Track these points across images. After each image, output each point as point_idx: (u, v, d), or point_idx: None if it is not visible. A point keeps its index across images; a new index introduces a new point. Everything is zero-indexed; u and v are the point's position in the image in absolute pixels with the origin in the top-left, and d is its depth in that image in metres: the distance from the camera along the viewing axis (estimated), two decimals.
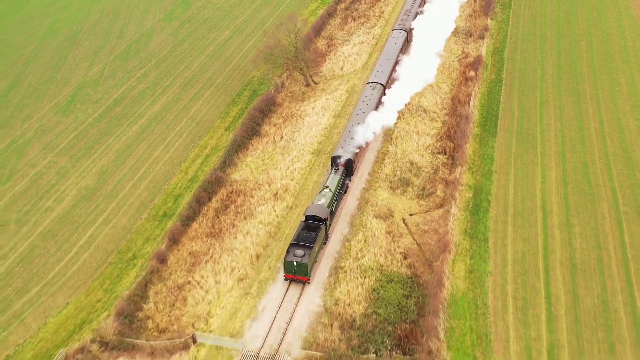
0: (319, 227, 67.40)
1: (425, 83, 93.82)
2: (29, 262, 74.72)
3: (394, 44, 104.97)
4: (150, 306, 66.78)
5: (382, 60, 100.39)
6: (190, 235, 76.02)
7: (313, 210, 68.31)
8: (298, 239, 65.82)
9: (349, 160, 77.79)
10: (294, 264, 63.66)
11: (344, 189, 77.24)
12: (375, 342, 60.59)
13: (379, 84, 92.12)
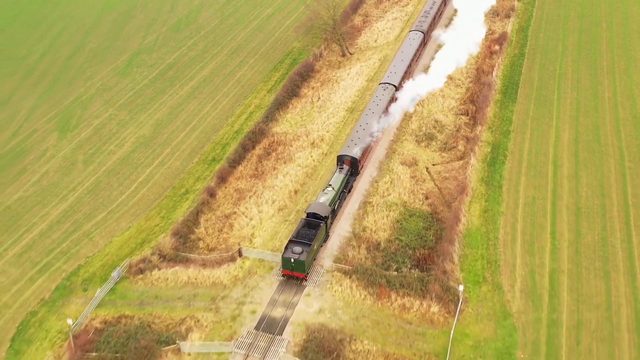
0: (319, 225, 66.37)
1: (468, 54, 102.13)
2: (95, 194, 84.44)
3: (409, 45, 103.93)
4: (201, 230, 75.92)
5: (396, 61, 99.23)
6: (236, 176, 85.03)
7: (314, 208, 67.70)
8: (297, 236, 64.96)
9: (354, 160, 77.16)
10: (291, 261, 62.89)
11: (347, 188, 76.23)
12: (396, 262, 68.78)
13: (391, 85, 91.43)
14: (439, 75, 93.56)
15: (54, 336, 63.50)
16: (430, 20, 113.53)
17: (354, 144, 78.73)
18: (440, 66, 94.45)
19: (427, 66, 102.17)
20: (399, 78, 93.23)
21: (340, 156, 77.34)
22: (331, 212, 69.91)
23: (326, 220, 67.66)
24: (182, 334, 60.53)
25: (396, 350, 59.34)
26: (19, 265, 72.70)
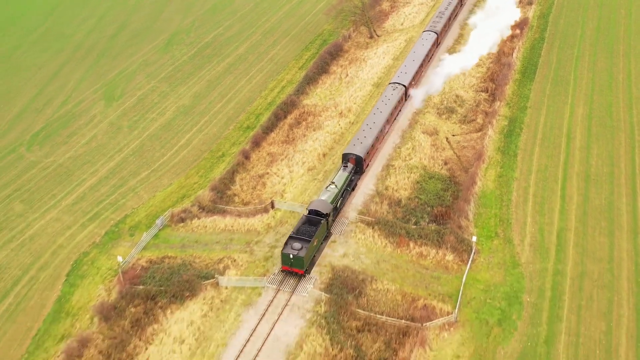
0: (319, 222, 66.33)
1: (500, 35, 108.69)
2: (140, 155, 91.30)
3: (422, 46, 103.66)
4: (236, 187, 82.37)
5: (407, 61, 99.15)
6: (269, 141, 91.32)
7: (316, 205, 67.67)
8: (297, 233, 65.11)
9: (359, 158, 77.01)
10: (290, 257, 63.06)
11: (351, 186, 75.72)
12: (415, 216, 74.51)
13: (400, 85, 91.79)
14: (473, 55, 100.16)
15: (105, 272, 70.21)
16: (445, 21, 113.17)
17: (360, 142, 79.04)
18: (475, 46, 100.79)
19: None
20: (409, 78, 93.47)
21: (345, 154, 77.14)
22: (333, 210, 69.59)
23: (327, 218, 67.28)
24: (220, 270, 66.88)
25: (413, 290, 65.04)
26: (71, 214, 79.68)
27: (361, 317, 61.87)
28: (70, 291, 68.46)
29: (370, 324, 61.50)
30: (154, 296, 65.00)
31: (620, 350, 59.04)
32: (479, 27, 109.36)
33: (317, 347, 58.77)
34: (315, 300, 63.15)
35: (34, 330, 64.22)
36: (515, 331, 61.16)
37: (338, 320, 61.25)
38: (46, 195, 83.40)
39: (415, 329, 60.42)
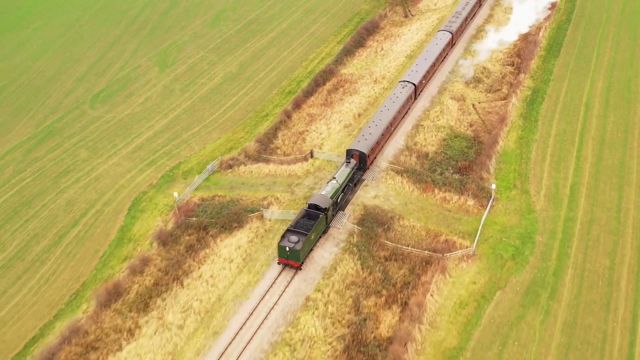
0: (318, 216, 66.41)
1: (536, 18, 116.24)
2: (191, 113, 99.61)
3: (435, 45, 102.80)
4: (278, 142, 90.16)
5: (419, 60, 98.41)
6: (309, 104, 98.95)
7: (315, 200, 67.78)
8: (295, 226, 65.33)
9: (363, 155, 76.83)
10: (286, 249, 63.13)
11: (354, 182, 75.56)
12: (441, 168, 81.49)
13: (410, 84, 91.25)
14: (514, 32, 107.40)
15: (162, 208, 78.60)
16: (461, 21, 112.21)
17: (364, 139, 78.96)
18: (516, 24, 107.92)
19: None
20: (419, 77, 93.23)
21: (349, 150, 76.94)
22: (334, 205, 69.64)
23: (326, 212, 67.28)
24: (264, 206, 74.73)
25: (436, 228, 72.15)
26: (131, 160, 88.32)
27: (389, 248, 69.04)
28: (132, 222, 76.79)
29: (396, 254, 68.61)
30: (206, 227, 72.96)
31: (621, 283, 65.29)
32: (516, 8, 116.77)
33: (349, 270, 66.19)
34: (348, 232, 70.60)
35: (100, 252, 72.71)
36: (527, 264, 67.77)
37: (368, 249, 68.57)
38: (108, 144, 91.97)
39: (437, 259, 67.40)
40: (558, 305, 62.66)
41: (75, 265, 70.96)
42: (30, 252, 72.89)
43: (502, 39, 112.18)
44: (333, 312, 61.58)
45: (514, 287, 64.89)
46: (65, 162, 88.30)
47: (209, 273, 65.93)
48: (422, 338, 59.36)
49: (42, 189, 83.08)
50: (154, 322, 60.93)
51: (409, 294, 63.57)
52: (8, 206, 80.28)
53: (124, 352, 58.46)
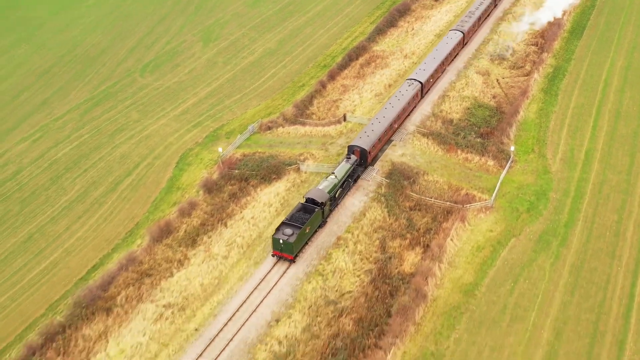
0: (314, 211, 66.57)
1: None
2: (233, 83, 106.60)
3: (446, 44, 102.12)
4: (314, 108, 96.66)
5: (428, 58, 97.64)
6: (342, 76, 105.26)
7: (312, 194, 68.12)
8: (290, 219, 65.76)
9: (364, 151, 76.57)
10: (280, 242, 63.55)
11: (353, 178, 75.38)
12: (464, 132, 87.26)
13: (417, 82, 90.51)
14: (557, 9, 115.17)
15: (207, 162, 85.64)
16: (474, 21, 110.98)
17: (366, 135, 78.65)
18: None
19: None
20: (427, 75, 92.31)
21: (351, 146, 76.77)
22: (331, 199, 69.99)
23: (323, 207, 67.59)
24: (301, 160, 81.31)
25: (458, 183, 78.07)
26: (178, 122, 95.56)
27: (414, 199, 75.19)
28: (180, 174, 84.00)
29: (420, 204, 74.76)
30: (247, 178, 79.83)
31: (627, 234, 70.61)
32: None
33: (377, 216, 72.52)
34: (377, 184, 76.93)
35: (152, 198, 79.99)
36: (540, 217, 73.42)
37: (395, 199, 74.83)
38: (157, 107, 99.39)
39: (457, 209, 73.38)
40: (567, 251, 68.19)
41: (130, 208, 78.25)
42: (89, 196, 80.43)
43: (532, 20, 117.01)
44: (361, 250, 67.95)
45: (528, 235, 70.53)
46: (119, 122, 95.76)
47: (250, 215, 72.71)
48: (441, 274, 65.33)
49: (99, 144, 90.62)
50: (202, 254, 67.90)
51: (430, 238, 69.55)
52: (68, 158, 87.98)
53: (175, 278, 65.44)
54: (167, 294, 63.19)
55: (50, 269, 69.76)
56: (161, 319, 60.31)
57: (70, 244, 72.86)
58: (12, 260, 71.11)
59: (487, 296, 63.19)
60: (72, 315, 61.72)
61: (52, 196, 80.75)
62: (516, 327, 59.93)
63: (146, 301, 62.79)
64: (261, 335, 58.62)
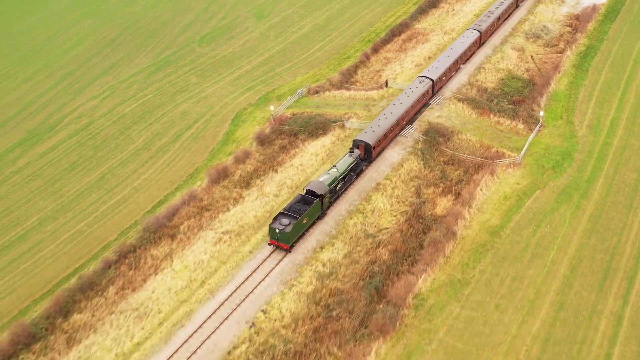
0: (312, 202, 66.84)
1: None
2: (283, 54, 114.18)
3: (461, 43, 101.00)
4: (358, 77, 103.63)
5: (442, 57, 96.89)
6: (386, 50, 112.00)
7: (312, 186, 68.34)
8: (289, 210, 66.00)
9: (368, 146, 76.54)
10: (276, 231, 63.78)
11: (356, 172, 75.24)
12: (497, 99, 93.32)
13: (428, 79, 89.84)
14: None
15: (260, 119, 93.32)
16: (492, 20, 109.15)
17: (372, 130, 78.65)
18: None
19: None
20: (439, 73, 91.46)
21: (355, 140, 76.82)
22: (331, 192, 70.48)
23: (322, 199, 67.82)
24: (345, 118, 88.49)
25: (489, 142, 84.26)
26: (233, 86, 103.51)
27: (448, 154, 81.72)
28: (235, 129, 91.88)
29: (454, 159, 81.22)
30: (296, 133, 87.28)
31: None
32: None
33: (414, 167, 79.29)
34: (414, 140, 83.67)
35: (210, 148, 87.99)
36: (564, 173, 79.23)
37: (430, 153, 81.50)
38: (214, 73, 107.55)
39: (487, 164, 79.61)
40: (587, 203, 74.03)
41: (190, 156, 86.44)
42: (154, 145, 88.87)
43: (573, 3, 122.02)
44: (398, 195, 74.89)
45: (552, 188, 76.53)
46: (179, 84, 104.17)
47: (299, 162, 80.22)
48: (470, 217, 71.86)
49: (161, 103, 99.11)
50: (255, 193, 75.62)
51: (461, 187, 76.07)
52: (134, 113, 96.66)
53: (231, 212, 73.25)
54: (224, 223, 70.95)
55: (121, 203, 78.10)
56: (220, 242, 68.02)
57: (138, 184, 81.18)
58: (87, 195, 79.73)
59: (511, 237, 69.37)
60: (142, 239, 69.78)
61: (121, 144, 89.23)
62: (536, 262, 65.96)
63: (206, 229, 70.63)
64: (307, 259, 65.87)
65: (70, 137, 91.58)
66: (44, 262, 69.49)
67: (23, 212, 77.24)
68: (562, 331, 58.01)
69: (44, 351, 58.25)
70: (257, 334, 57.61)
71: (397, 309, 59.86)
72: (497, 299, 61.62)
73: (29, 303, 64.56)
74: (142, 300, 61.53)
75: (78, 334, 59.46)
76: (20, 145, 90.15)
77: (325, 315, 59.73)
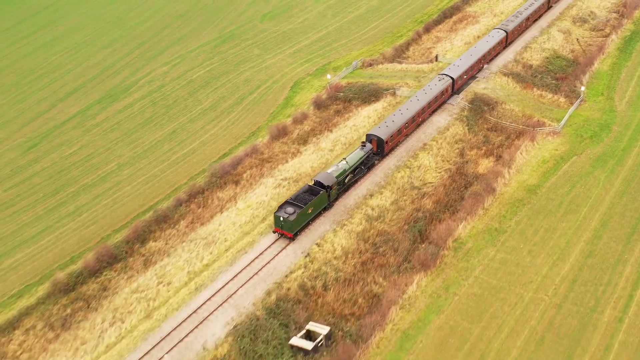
0: (319, 193, 67.28)
1: None
2: (340, 31, 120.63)
3: (485, 42, 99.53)
4: (409, 53, 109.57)
5: (465, 55, 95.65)
6: (437, 30, 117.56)
7: (320, 177, 68.78)
8: (295, 199, 66.36)
9: (381, 140, 76.54)
10: (280, 219, 64.48)
11: (367, 166, 75.16)
12: (541, 75, 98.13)
13: (448, 77, 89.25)
14: None
15: (317, 87, 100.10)
16: (520, 21, 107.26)
17: (386, 125, 78.72)
18: None
19: None
20: (460, 72, 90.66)
21: (369, 135, 77.18)
22: (339, 184, 70.65)
23: (329, 190, 68.17)
24: (397, 87, 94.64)
25: (531, 112, 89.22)
26: (292, 58, 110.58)
27: (491, 122, 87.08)
28: (293, 95, 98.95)
29: (496, 126, 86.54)
30: (350, 99, 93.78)
31: None
32: None
33: (459, 131, 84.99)
34: (460, 108, 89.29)
35: (270, 110, 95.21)
36: (601, 142, 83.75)
37: (475, 120, 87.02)
38: (275, 47, 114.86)
39: (528, 131, 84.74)
40: (621, 168, 78.59)
41: (252, 117, 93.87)
42: (219, 106, 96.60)
43: None
44: (443, 154, 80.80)
45: (588, 155, 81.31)
46: (242, 55, 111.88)
47: (353, 123, 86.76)
48: (509, 177, 77.25)
49: (226, 70, 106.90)
50: (312, 147, 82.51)
51: (503, 151, 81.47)
52: (202, 79, 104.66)
53: (290, 163, 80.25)
54: (283, 172, 78.01)
55: (190, 153, 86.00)
56: (279, 187, 75.10)
57: (205, 138, 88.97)
58: (160, 146, 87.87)
59: (547, 195, 74.59)
60: (209, 183, 77.41)
61: (190, 105, 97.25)
62: (569, 217, 71.11)
63: (267, 177, 77.84)
64: (358, 204, 72.48)
65: (144, 97, 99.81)
66: (122, 200, 77.58)
67: (103, 158, 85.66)
68: (588, 274, 63.07)
69: (124, 270, 65.89)
70: (311, 262, 64.27)
71: (438, 249, 65.86)
72: (530, 245, 66.96)
73: (110, 232, 72.55)
74: (210, 231, 69.01)
75: (153, 257, 67.04)
76: (99, 103, 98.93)
77: (372, 251, 66.03)
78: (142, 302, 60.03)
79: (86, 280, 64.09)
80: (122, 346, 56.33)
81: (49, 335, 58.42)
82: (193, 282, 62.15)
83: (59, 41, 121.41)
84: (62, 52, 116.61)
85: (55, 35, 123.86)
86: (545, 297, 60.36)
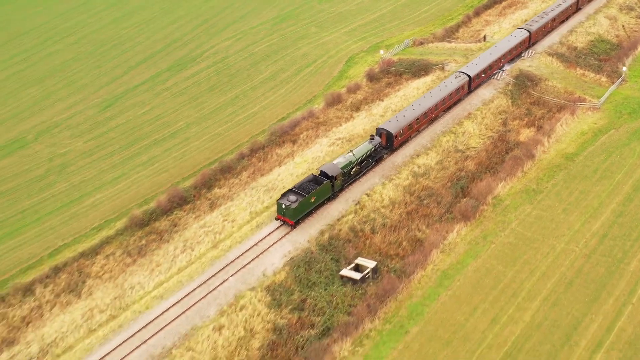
0: (322, 182, 67.64)
1: None
2: (393, 13, 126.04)
3: (507, 42, 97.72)
4: (459, 34, 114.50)
5: (484, 54, 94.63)
6: (487, 14, 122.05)
7: (325, 167, 69.36)
8: (299, 188, 66.80)
9: (390, 135, 76.37)
10: (283, 206, 65.16)
11: (374, 159, 75.03)
12: (585, 57, 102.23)
13: (464, 75, 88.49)
14: None
15: (370, 62, 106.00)
16: (546, 21, 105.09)
17: (396, 120, 78.60)
18: None
19: None
20: (477, 70, 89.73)
21: (379, 129, 77.23)
22: (344, 175, 70.87)
23: (333, 180, 68.49)
24: (445, 63, 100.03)
25: (573, 90, 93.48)
26: (347, 36, 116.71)
27: (534, 96, 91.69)
28: (348, 69, 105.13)
29: (539, 101, 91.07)
30: (401, 73, 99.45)
31: None
32: None
33: (502, 103, 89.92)
34: (505, 83, 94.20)
35: (326, 81, 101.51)
36: (639, 119, 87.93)
37: (519, 94, 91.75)
38: (331, 25, 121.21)
39: (569, 106, 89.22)
40: None
41: (309, 87, 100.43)
42: (278, 77, 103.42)
43: None
44: (487, 123, 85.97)
45: (626, 129, 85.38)
46: (300, 33, 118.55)
47: (403, 93, 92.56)
48: (548, 144, 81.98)
49: (285, 46, 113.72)
50: (364, 113, 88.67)
51: (544, 122, 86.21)
52: (262, 52, 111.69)
53: (343, 127, 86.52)
54: (337, 133, 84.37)
55: (251, 116, 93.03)
56: (333, 145, 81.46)
57: (265, 103, 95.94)
58: (224, 109, 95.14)
59: (584, 162, 79.18)
60: (269, 140, 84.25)
61: (251, 75, 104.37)
62: (603, 182, 75.61)
63: (322, 137, 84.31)
64: (406, 162, 78.38)
65: (209, 67, 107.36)
66: (190, 153, 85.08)
67: (172, 118, 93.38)
68: (618, 231, 67.69)
69: (192, 210, 73.15)
70: (361, 209, 70.48)
71: (478, 203, 71.31)
72: (564, 204, 71.85)
73: (179, 180, 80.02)
74: (269, 180, 75.84)
75: (218, 201, 74.15)
76: (168, 70, 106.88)
77: (417, 203, 71.88)
78: (209, 235, 67.07)
79: (159, 217, 71.32)
80: (192, 269, 63.39)
81: (127, 260, 65.79)
82: (255, 221, 68.95)
83: (128, 17, 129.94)
84: (132, 26, 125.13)
85: (124, 12, 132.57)
86: (576, 248, 65.21)
